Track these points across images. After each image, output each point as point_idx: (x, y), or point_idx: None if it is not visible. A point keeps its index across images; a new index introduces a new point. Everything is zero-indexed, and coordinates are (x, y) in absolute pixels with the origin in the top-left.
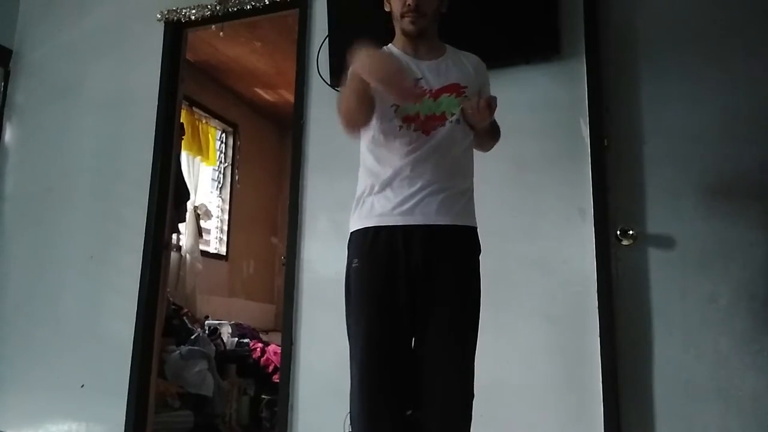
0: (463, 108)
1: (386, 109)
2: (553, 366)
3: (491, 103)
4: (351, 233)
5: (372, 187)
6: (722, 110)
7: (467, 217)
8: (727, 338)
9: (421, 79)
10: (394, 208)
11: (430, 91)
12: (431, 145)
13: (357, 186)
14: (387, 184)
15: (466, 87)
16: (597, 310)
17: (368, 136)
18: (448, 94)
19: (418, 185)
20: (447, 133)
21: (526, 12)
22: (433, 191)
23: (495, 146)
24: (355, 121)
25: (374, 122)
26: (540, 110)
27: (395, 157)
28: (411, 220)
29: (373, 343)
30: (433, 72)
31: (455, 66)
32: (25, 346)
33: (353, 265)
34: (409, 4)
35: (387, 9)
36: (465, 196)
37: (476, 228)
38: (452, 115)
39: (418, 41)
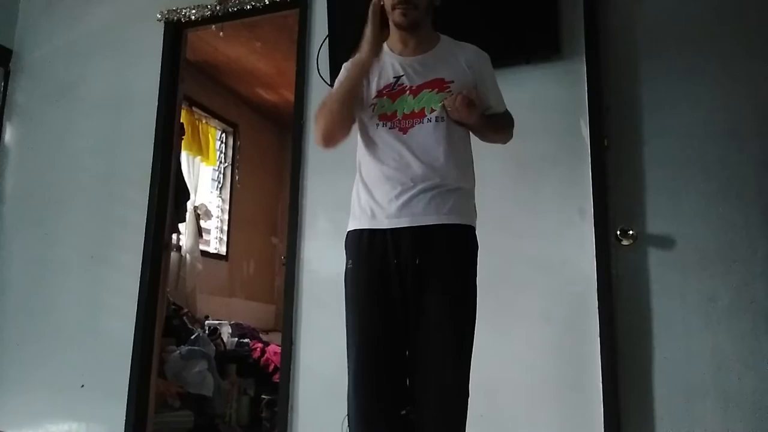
0: (444, 104)
1: (367, 110)
2: (553, 366)
3: (472, 100)
4: (347, 233)
5: (363, 189)
6: (722, 110)
7: (459, 215)
8: (727, 338)
9: (402, 76)
10: (382, 210)
11: (411, 87)
12: (410, 144)
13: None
14: (374, 186)
15: (451, 82)
16: (597, 311)
17: (358, 138)
18: (429, 89)
19: (403, 186)
20: (427, 131)
21: (526, 12)
22: (420, 191)
23: (496, 145)
24: (333, 132)
25: (359, 124)
26: (540, 110)
27: (378, 158)
28: (397, 222)
29: (367, 342)
30: (418, 68)
31: (444, 60)
32: (26, 346)
33: (348, 266)
34: None
35: (381, 2)
36: (456, 194)
37: (471, 226)
38: (432, 111)
39: (409, 34)
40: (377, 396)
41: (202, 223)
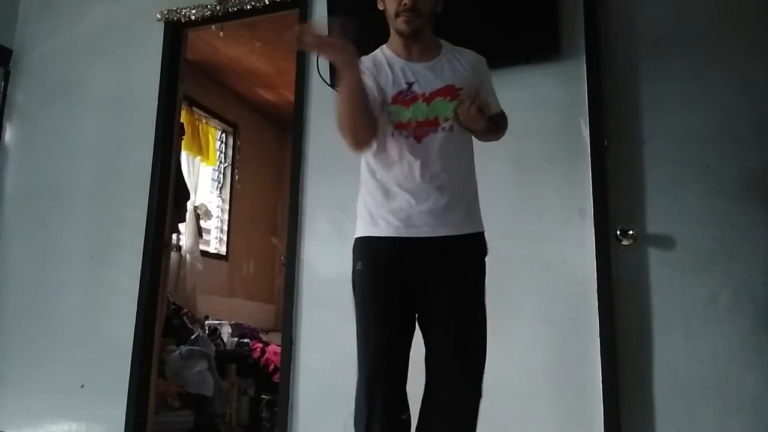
0: (455, 112)
1: (381, 116)
2: (553, 366)
3: (483, 109)
4: (355, 240)
5: (371, 196)
6: (722, 110)
7: (470, 225)
8: (727, 338)
9: (414, 83)
10: (392, 219)
11: (423, 95)
12: (423, 153)
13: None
14: (385, 194)
15: (461, 88)
16: (597, 311)
17: None
18: (442, 97)
19: (415, 196)
20: (440, 141)
21: (526, 12)
22: (430, 201)
23: (496, 145)
24: (356, 134)
25: None
26: (540, 110)
27: (390, 166)
28: (406, 232)
29: (375, 348)
30: (428, 75)
31: (450, 67)
32: (26, 346)
33: (357, 268)
34: (405, 4)
35: (380, 7)
36: (465, 202)
37: (481, 232)
38: (446, 120)
39: (412, 41)
40: (388, 402)
41: (202, 223)
